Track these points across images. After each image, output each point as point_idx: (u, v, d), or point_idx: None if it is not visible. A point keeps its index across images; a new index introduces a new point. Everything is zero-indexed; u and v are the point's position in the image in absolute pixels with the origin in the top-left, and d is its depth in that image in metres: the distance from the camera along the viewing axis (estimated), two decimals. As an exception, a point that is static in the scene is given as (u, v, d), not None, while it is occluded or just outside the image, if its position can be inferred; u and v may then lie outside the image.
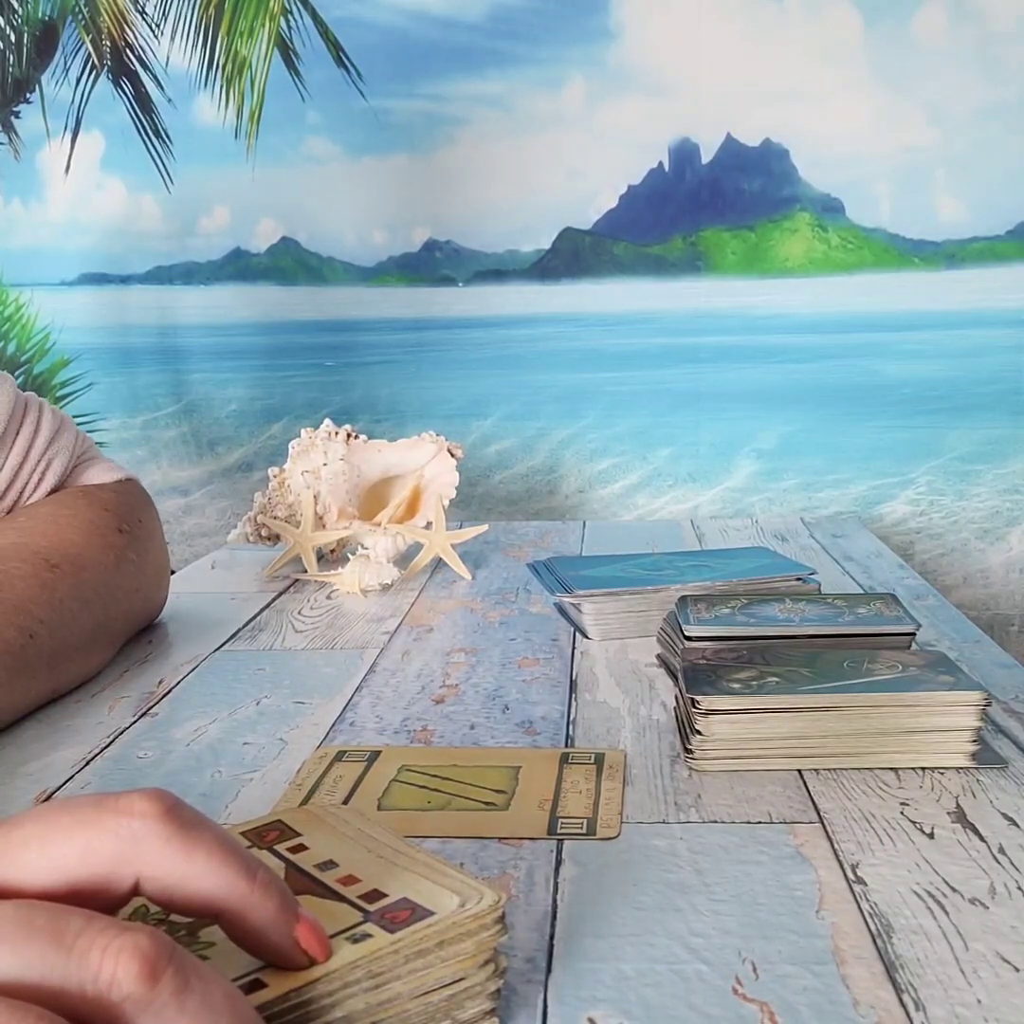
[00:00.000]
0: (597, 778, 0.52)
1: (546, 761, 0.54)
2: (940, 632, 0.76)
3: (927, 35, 1.38)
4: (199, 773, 0.54)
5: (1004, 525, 1.44)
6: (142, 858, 0.29)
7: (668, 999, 0.35)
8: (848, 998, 0.35)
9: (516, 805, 0.50)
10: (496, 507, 1.49)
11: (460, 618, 0.83)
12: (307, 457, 0.97)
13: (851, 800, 0.49)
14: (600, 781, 0.51)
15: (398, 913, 0.32)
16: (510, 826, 0.47)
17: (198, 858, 0.29)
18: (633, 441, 1.47)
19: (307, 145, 1.47)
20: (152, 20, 1.45)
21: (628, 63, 1.42)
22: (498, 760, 0.55)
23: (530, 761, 0.54)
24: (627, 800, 0.50)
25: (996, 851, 0.45)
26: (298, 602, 0.89)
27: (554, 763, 0.54)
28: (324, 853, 0.36)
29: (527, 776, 0.52)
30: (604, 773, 0.52)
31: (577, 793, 0.50)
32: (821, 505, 1.45)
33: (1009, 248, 1.41)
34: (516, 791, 0.51)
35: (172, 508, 1.53)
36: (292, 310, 1.52)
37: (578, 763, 0.54)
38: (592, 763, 0.54)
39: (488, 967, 0.33)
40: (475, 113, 1.44)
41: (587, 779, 0.52)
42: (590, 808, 0.49)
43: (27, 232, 1.51)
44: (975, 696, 0.52)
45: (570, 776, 0.52)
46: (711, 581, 0.76)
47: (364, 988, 0.30)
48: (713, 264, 1.46)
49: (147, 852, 0.29)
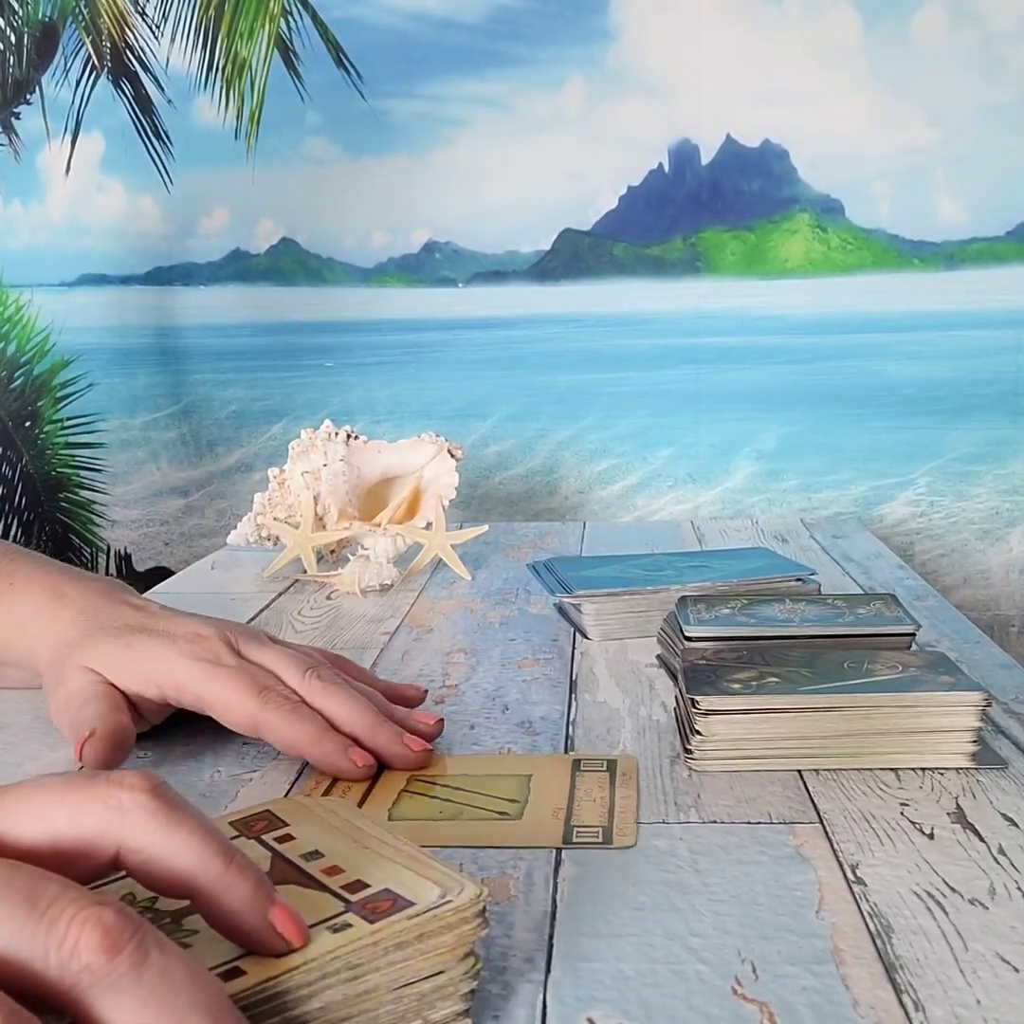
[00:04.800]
0: (611, 786, 0.51)
1: (557, 768, 0.54)
2: (940, 633, 0.76)
3: (927, 36, 1.38)
4: (199, 773, 0.54)
5: (1004, 526, 1.44)
6: (125, 828, 0.30)
7: (668, 999, 0.35)
8: (848, 998, 0.35)
9: (529, 814, 0.49)
10: (496, 508, 1.49)
11: (460, 619, 0.83)
12: (307, 458, 0.97)
13: (851, 800, 0.49)
14: (614, 789, 0.51)
15: (379, 904, 0.32)
16: (524, 836, 0.47)
17: (178, 834, 0.30)
18: (633, 442, 1.47)
19: (307, 146, 1.47)
20: (152, 21, 1.45)
21: (628, 64, 1.42)
22: (508, 768, 0.54)
23: (541, 769, 0.54)
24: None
25: (996, 852, 0.45)
26: (298, 602, 0.89)
27: (566, 770, 0.53)
28: (310, 843, 0.37)
29: (539, 784, 0.52)
30: (618, 780, 0.52)
31: (591, 801, 0.50)
32: (821, 506, 1.45)
33: (1009, 249, 1.41)
34: (529, 800, 0.50)
35: (172, 509, 1.53)
36: (292, 311, 1.52)
37: (590, 770, 0.53)
38: (605, 770, 0.53)
39: (467, 961, 0.33)
40: (475, 114, 1.44)
41: (600, 787, 0.51)
42: (605, 816, 0.48)
43: (27, 233, 1.51)
44: (975, 697, 0.52)
45: (583, 784, 0.52)
46: (711, 582, 0.76)
47: (343, 979, 0.30)
48: (713, 265, 1.47)
49: (131, 823, 0.30)
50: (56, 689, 0.57)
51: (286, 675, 0.55)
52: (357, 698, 0.55)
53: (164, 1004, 0.26)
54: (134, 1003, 0.26)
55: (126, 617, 0.59)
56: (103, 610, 0.59)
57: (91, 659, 0.56)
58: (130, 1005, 0.26)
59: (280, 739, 0.53)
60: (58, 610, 0.60)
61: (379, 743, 0.53)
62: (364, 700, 0.55)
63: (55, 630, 0.59)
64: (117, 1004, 0.26)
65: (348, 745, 0.52)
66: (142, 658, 0.56)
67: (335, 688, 0.55)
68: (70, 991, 0.26)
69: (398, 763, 0.53)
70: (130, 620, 0.58)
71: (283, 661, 0.56)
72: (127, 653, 0.56)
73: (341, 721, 0.54)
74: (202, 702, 0.55)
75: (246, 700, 0.53)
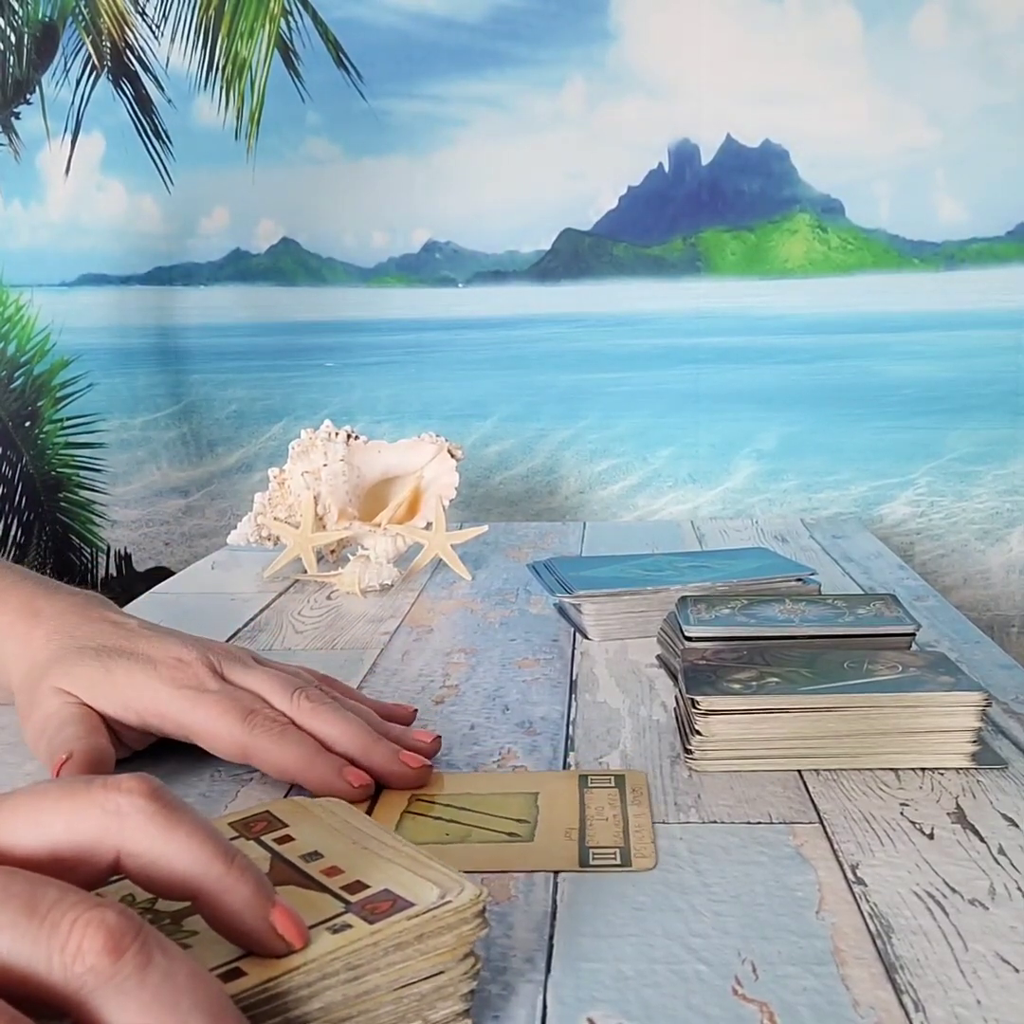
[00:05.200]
0: (622, 803, 0.50)
1: (564, 785, 0.52)
2: (940, 633, 0.76)
3: (927, 36, 1.38)
4: (199, 773, 0.54)
5: (1004, 526, 1.44)
6: (124, 832, 0.30)
7: (668, 999, 0.35)
8: (848, 999, 0.35)
9: (541, 835, 0.47)
10: (496, 508, 1.49)
11: (460, 619, 0.83)
12: (307, 458, 0.97)
13: (851, 801, 0.49)
14: (626, 807, 0.49)
15: (379, 904, 0.32)
16: (538, 859, 0.45)
17: (178, 836, 0.30)
18: (633, 442, 1.47)
19: (307, 146, 1.47)
20: (152, 21, 1.45)
21: (628, 64, 1.42)
22: (512, 787, 0.52)
23: (547, 786, 0.52)
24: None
25: (996, 852, 0.45)
26: (298, 602, 0.89)
27: (573, 787, 0.52)
28: (309, 844, 0.37)
29: (547, 803, 0.50)
30: (628, 797, 0.50)
31: (603, 820, 0.48)
32: (821, 506, 1.45)
33: (1009, 249, 1.41)
34: (538, 820, 0.48)
35: (172, 509, 1.53)
36: (292, 311, 1.52)
37: (598, 786, 0.51)
38: (613, 786, 0.51)
39: (467, 961, 0.33)
40: (475, 114, 1.44)
41: (611, 804, 0.49)
42: (620, 836, 0.46)
43: (27, 233, 1.51)
44: (975, 697, 0.52)
45: (593, 802, 0.50)
46: (711, 582, 0.76)
47: (342, 979, 0.30)
48: (713, 265, 1.47)
49: (130, 827, 0.30)
50: (30, 712, 0.54)
51: (273, 698, 0.53)
52: (349, 717, 0.53)
53: (168, 1007, 0.26)
54: (138, 1005, 0.26)
55: (104, 636, 0.56)
56: (80, 628, 0.57)
57: (67, 682, 0.54)
58: (135, 1007, 0.26)
59: (270, 764, 0.51)
60: (32, 628, 0.57)
61: (376, 762, 0.51)
62: (357, 719, 0.53)
63: (28, 650, 0.56)
64: (122, 1006, 0.26)
65: (343, 765, 0.50)
66: (121, 685, 0.53)
67: (325, 708, 0.53)
68: (74, 994, 0.26)
69: (396, 782, 0.51)
70: (108, 640, 0.55)
71: (269, 683, 0.54)
72: (106, 678, 0.53)
73: (334, 742, 0.52)
74: (186, 731, 0.53)
75: (232, 726, 0.51)
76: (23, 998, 0.26)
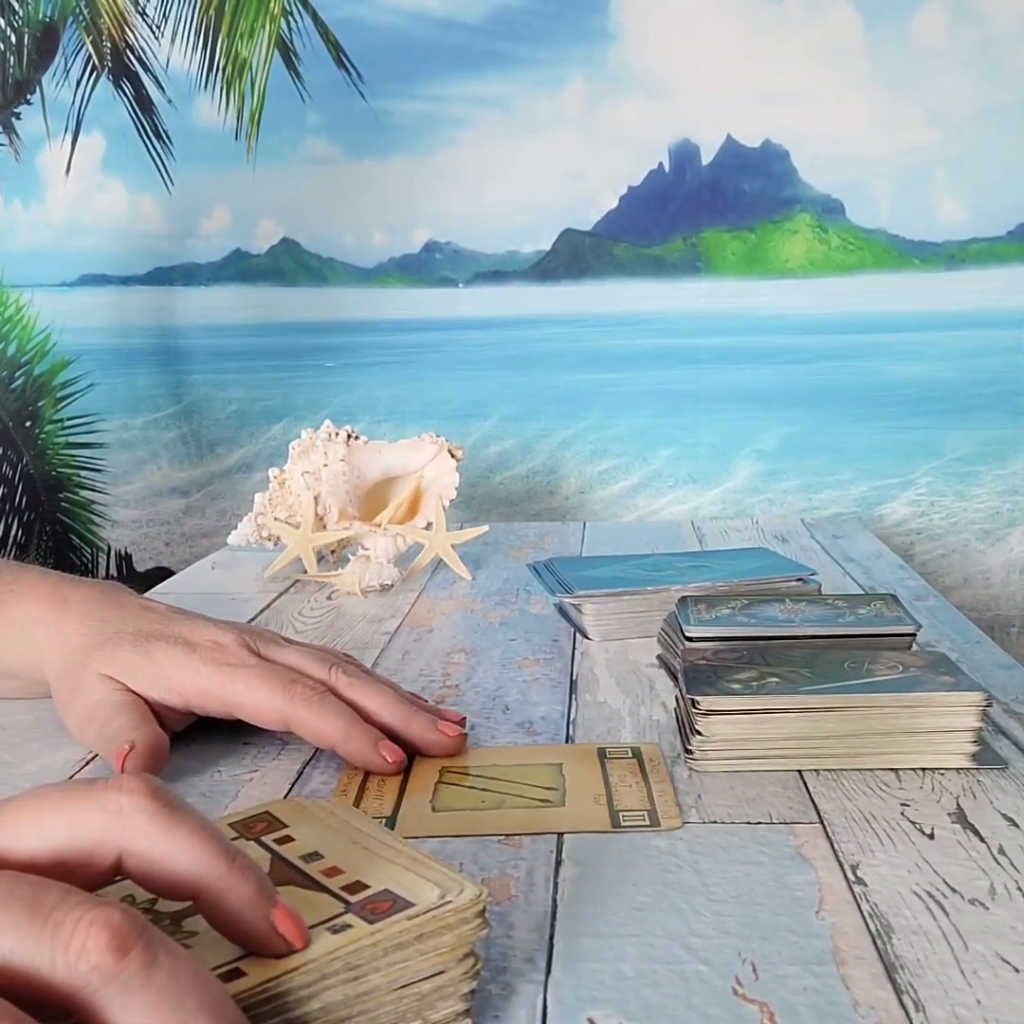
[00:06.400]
0: (642, 772, 0.52)
1: (584, 757, 0.55)
2: (941, 633, 0.76)
3: (927, 36, 1.38)
4: (199, 773, 0.54)
5: (1005, 526, 1.44)
6: (126, 832, 0.30)
7: (668, 999, 0.35)
8: (848, 998, 0.35)
9: (572, 800, 0.50)
10: (496, 508, 1.49)
11: (460, 619, 0.83)
12: (307, 458, 0.97)
13: (851, 801, 0.49)
14: (646, 774, 0.52)
15: (379, 904, 0.32)
16: (571, 821, 0.48)
17: (179, 836, 0.30)
18: (633, 442, 1.47)
19: (307, 146, 1.47)
20: (152, 21, 1.45)
21: (628, 64, 1.42)
22: (537, 758, 0.55)
23: (569, 757, 0.55)
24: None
25: (996, 852, 0.45)
26: (298, 603, 0.89)
27: (593, 759, 0.54)
28: (309, 844, 0.37)
29: (572, 773, 0.53)
30: (647, 767, 0.53)
31: (627, 787, 0.51)
32: (821, 506, 1.45)
33: (1009, 249, 1.41)
34: (566, 787, 0.51)
35: (172, 509, 1.53)
36: (292, 311, 1.52)
37: (617, 758, 0.54)
38: (631, 757, 0.54)
39: (467, 961, 0.33)
40: (475, 114, 1.44)
41: (632, 773, 0.52)
42: (646, 801, 0.49)
43: (27, 233, 1.51)
44: (976, 697, 0.52)
45: (615, 771, 0.53)
46: (712, 582, 0.76)
47: (342, 979, 0.30)
48: (713, 265, 1.46)
49: (131, 827, 0.30)
50: (73, 698, 0.56)
51: (311, 672, 0.55)
52: (386, 690, 0.55)
53: (173, 1006, 0.26)
54: (143, 1005, 0.26)
55: (137, 621, 0.58)
56: (112, 613, 0.58)
57: (110, 667, 0.55)
58: (139, 1006, 0.26)
59: (311, 733, 0.53)
60: (63, 614, 0.59)
61: (415, 731, 0.54)
62: (393, 692, 0.56)
63: (60, 635, 0.58)
64: (126, 1005, 0.26)
65: (379, 739, 0.52)
66: (164, 668, 0.55)
67: (362, 682, 0.55)
68: (79, 993, 0.26)
69: (435, 749, 0.54)
70: (142, 625, 0.57)
71: (307, 658, 0.56)
72: (147, 662, 0.55)
73: (373, 712, 0.54)
74: (229, 705, 0.54)
75: (273, 696, 0.53)
76: (27, 999, 0.26)
